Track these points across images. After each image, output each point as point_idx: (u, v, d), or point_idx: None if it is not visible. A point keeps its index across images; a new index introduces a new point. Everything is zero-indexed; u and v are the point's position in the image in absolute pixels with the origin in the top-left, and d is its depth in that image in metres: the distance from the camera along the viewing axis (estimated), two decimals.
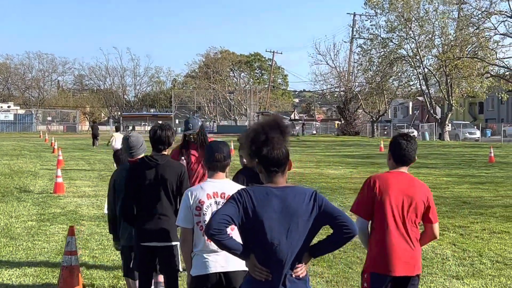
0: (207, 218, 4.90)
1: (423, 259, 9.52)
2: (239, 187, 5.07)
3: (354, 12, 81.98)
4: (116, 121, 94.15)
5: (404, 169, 5.27)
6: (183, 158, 8.74)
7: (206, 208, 4.94)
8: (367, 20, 71.11)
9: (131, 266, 6.62)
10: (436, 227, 5.25)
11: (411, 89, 72.63)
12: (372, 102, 79.27)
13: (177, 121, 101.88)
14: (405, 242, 5.06)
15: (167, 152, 6.37)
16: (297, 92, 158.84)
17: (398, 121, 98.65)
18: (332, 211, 3.92)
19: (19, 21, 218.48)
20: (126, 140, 7.01)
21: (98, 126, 49.88)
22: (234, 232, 4.25)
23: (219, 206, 4.90)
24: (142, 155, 6.78)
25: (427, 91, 66.17)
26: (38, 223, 12.85)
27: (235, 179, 5.84)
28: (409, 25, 62.31)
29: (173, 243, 6.08)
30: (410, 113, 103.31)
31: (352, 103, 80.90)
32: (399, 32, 64.80)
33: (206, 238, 4.91)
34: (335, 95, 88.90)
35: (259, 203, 3.88)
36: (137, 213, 6.12)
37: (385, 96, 74.68)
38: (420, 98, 77.52)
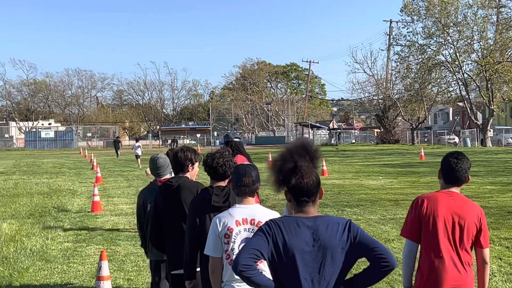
0: (236, 246, 4.68)
1: None
2: (270, 212, 4.81)
3: (390, 19, 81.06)
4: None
5: (455, 189, 5.00)
6: None
7: (235, 236, 4.69)
8: (404, 27, 70.26)
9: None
10: (487, 252, 4.94)
11: (451, 95, 71.54)
12: (411, 109, 78.33)
13: (215, 134, 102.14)
14: (455, 266, 4.79)
15: (189, 174, 6.20)
16: (335, 101, 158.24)
17: (438, 128, 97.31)
18: (368, 242, 3.62)
19: (57, 38, 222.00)
20: (154, 160, 7.20)
21: (120, 140, 60.35)
22: (263, 266, 3.99)
23: (249, 233, 4.66)
24: (168, 175, 7.07)
25: (467, 96, 65.17)
26: (74, 244, 12.76)
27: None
28: (447, 31, 61.47)
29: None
30: (451, 119, 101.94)
31: (391, 111, 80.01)
32: (437, 38, 63.97)
33: None
34: (374, 103, 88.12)
35: (289, 235, 3.60)
36: (166, 240, 5.99)
37: (425, 103, 73.75)
38: (460, 104, 76.34)
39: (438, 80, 68.73)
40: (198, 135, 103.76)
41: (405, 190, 21.35)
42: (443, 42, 63.59)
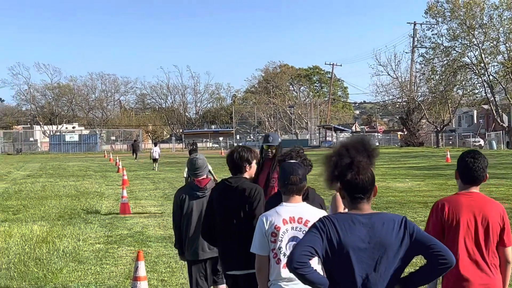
0: (283, 244, 4.63)
1: None
2: (318, 211, 4.77)
3: (414, 21, 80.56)
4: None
5: (474, 189, 4.87)
6: None
7: (282, 234, 4.64)
8: (428, 29, 69.87)
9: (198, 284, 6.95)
10: (510, 251, 4.79)
11: (476, 97, 71.00)
12: (435, 111, 77.78)
13: (238, 137, 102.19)
14: (481, 269, 4.67)
15: (247, 174, 6.09)
16: (357, 104, 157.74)
17: (462, 130, 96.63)
18: (425, 240, 3.54)
19: (81, 43, 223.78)
20: (192, 161, 7.21)
21: (138, 144, 67.81)
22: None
23: (297, 232, 4.62)
24: (205, 176, 7.14)
25: (492, 98, 64.64)
26: (105, 245, 12.79)
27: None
28: (472, 33, 61.04)
29: (253, 271, 5.78)
30: (475, 121, 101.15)
31: (415, 113, 79.50)
32: (462, 40, 63.54)
33: (281, 265, 4.64)
34: (397, 105, 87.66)
35: (344, 232, 3.53)
36: (219, 238, 5.93)
37: (449, 105, 73.23)
38: (485, 107, 75.73)
39: (463, 82, 68.27)
40: (221, 138, 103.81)
41: (433, 192, 21.18)
42: (468, 44, 63.17)
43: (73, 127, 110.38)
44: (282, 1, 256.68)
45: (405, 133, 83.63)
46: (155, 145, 43.75)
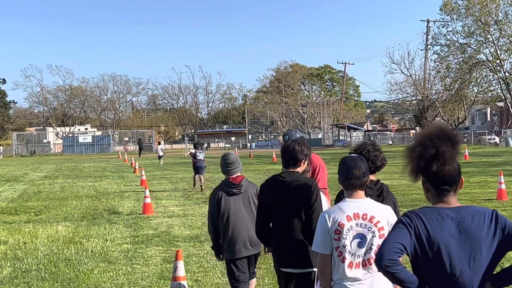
0: (348, 242, 4.42)
1: None
2: (383, 207, 4.56)
3: (427, 19, 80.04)
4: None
5: None
6: None
7: (346, 232, 4.42)
8: (443, 27, 69.41)
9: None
10: None
11: (492, 94, 70.54)
12: (450, 109, 77.33)
13: (250, 137, 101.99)
14: None
15: (300, 170, 5.79)
16: (368, 103, 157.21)
17: (476, 128, 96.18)
18: None
19: (93, 44, 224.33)
20: (225, 156, 7.12)
21: (143, 142, 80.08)
22: None
23: (362, 229, 4.42)
24: (238, 173, 7.04)
25: (508, 95, 64.19)
26: (133, 245, 12.62)
27: None
28: (488, 29, 60.66)
29: (309, 270, 5.57)
30: (489, 119, 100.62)
31: (429, 111, 79.05)
32: (477, 37, 63.16)
33: (346, 264, 4.44)
34: (407, 103, 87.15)
35: (433, 227, 3.32)
36: (274, 234, 5.72)
37: (464, 103, 72.79)
38: (500, 104, 75.27)
39: (479, 80, 67.87)
40: (233, 138, 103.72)
41: None
42: (483, 41, 62.78)
43: (86, 129, 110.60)
44: (293, 1, 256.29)
45: (419, 131, 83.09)
46: (159, 144, 53.41)
